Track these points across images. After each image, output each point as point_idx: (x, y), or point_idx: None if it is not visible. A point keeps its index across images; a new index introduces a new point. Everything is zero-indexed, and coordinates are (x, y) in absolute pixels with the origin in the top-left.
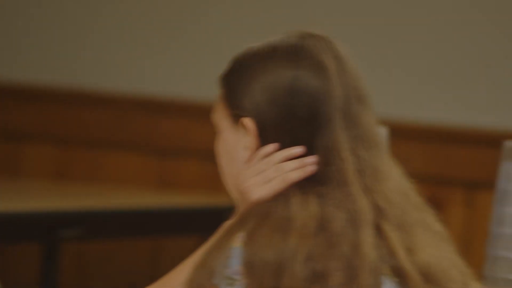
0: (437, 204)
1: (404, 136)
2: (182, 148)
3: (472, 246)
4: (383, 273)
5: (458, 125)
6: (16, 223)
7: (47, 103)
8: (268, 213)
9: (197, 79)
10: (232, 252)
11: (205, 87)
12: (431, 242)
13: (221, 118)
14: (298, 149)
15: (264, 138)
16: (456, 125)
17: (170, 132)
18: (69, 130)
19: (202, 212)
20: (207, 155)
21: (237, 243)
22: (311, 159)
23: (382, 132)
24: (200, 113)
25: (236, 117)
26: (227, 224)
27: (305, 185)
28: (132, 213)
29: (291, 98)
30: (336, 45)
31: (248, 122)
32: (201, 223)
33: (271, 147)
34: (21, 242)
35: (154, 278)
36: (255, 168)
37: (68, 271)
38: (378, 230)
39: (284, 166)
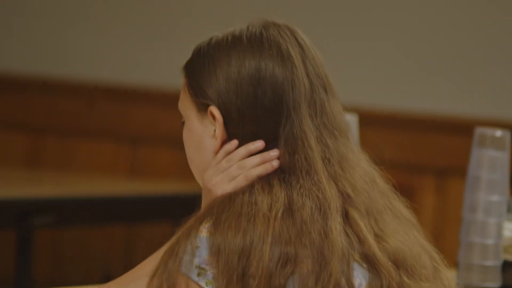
0: (408, 191)
1: (375, 123)
2: (153, 136)
3: (444, 232)
4: (353, 260)
5: (429, 112)
6: None
7: (18, 91)
8: (233, 200)
9: (168, 67)
10: (200, 242)
11: (176, 74)
12: (400, 229)
13: (186, 107)
14: (259, 143)
15: (230, 126)
16: (426, 112)
17: (142, 120)
18: (41, 118)
19: (175, 199)
20: (179, 143)
21: (205, 232)
22: (274, 153)
23: (352, 120)
24: (171, 101)
25: (201, 106)
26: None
27: (271, 174)
28: (105, 201)
29: (256, 87)
30: (300, 33)
31: (214, 110)
32: (174, 210)
33: (232, 144)
34: None
35: (129, 264)
36: (219, 166)
37: (42, 258)
38: (347, 218)
39: (247, 162)
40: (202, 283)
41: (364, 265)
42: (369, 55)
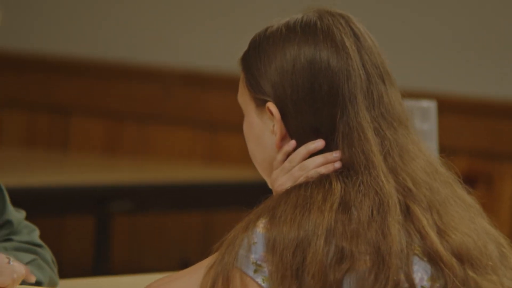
0: (486, 179)
1: (454, 110)
2: (230, 122)
3: None
4: (413, 254)
5: (509, 99)
6: (68, 196)
7: (96, 77)
8: (289, 193)
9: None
10: (257, 238)
11: None
12: (464, 217)
13: (245, 102)
14: (319, 143)
15: (288, 121)
16: (507, 99)
17: (219, 106)
18: (118, 105)
19: (251, 185)
20: None
21: (261, 228)
22: (336, 154)
23: (431, 106)
24: None
25: (259, 101)
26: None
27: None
28: (182, 187)
29: (311, 80)
30: (355, 22)
31: (271, 106)
32: (251, 197)
33: (290, 144)
34: (73, 215)
35: (205, 250)
36: (282, 168)
37: (121, 244)
38: (408, 213)
39: (309, 163)
40: (259, 280)
41: (425, 259)
42: (450, 41)
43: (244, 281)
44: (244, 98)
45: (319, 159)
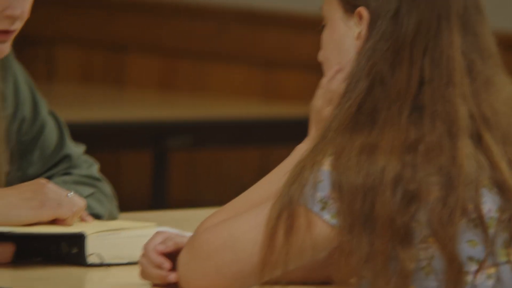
0: None
1: None
2: (287, 59)
3: None
4: (482, 185)
5: None
6: (125, 132)
7: (152, 14)
8: (355, 129)
9: None
10: (323, 176)
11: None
12: None
13: (331, 8)
14: None
15: (375, 28)
16: None
17: (275, 43)
18: (174, 41)
19: (307, 122)
20: (312, 66)
21: (327, 166)
22: None
23: None
24: (305, 25)
25: (349, 6)
26: (302, 147)
27: (401, 96)
28: (238, 123)
29: None
30: None
31: (363, 11)
32: (305, 134)
33: (344, 70)
34: (130, 151)
35: None
36: (326, 91)
37: (178, 179)
38: (480, 142)
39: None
40: (327, 217)
41: (495, 190)
42: None
43: (309, 219)
44: (330, 5)
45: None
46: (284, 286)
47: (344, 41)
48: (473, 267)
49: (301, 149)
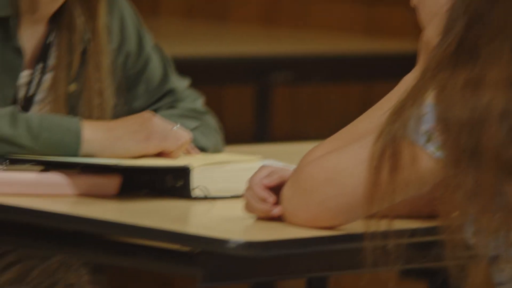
0: None
1: None
2: None
3: None
4: None
5: None
6: (228, 67)
7: None
8: (456, 65)
9: None
10: (427, 108)
11: None
12: None
13: None
14: None
15: None
16: None
17: None
18: None
19: (410, 57)
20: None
21: (431, 99)
22: None
23: None
24: None
25: None
26: (409, 77)
27: (502, 31)
28: (341, 58)
29: None
30: None
31: None
32: (409, 69)
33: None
34: (233, 86)
35: None
36: (438, 21)
37: (280, 114)
38: None
39: None
40: (431, 149)
41: None
42: None
43: (414, 152)
44: None
45: None
46: (391, 220)
47: None
48: None
49: (408, 79)
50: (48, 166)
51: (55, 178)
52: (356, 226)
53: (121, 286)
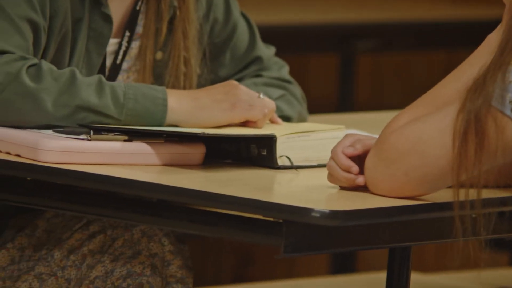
0: None
1: None
2: None
3: None
4: None
5: None
6: (313, 34)
7: None
8: None
9: None
10: (511, 76)
11: None
12: None
13: None
14: None
15: None
16: None
17: None
18: None
19: (495, 24)
20: None
21: None
22: None
23: None
24: None
25: None
26: (493, 36)
27: None
28: (426, 25)
29: None
30: None
31: None
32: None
33: None
34: (318, 53)
35: None
36: None
37: (364, 83)
38: None
39: None
40: None
41: None
42: None
43: (500, 122)
44: None
45: None
46: (479, 189)
47: None
48: None
49: (491, 39)
50: (132, 136)
51: (139, 147)
52: (439, 196)
53: (202, 257)
